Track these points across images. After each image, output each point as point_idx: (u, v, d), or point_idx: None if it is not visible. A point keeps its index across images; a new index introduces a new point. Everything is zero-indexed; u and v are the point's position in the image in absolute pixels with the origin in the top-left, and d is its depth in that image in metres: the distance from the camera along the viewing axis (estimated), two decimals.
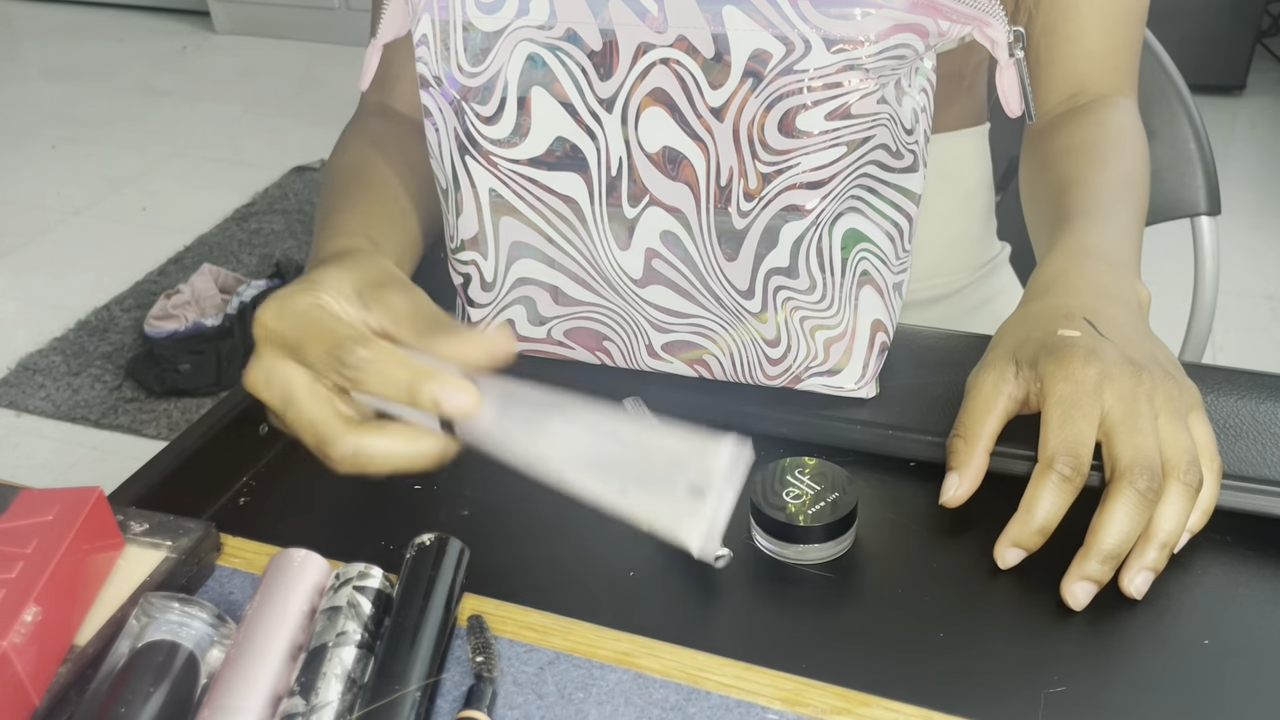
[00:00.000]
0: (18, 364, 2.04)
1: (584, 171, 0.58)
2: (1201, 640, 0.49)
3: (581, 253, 0.60)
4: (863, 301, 0.59)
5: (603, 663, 0.46)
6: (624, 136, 0.56)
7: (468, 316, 0.65)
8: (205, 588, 0.51)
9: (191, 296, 2.06)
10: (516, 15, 0.56)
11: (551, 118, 0.57)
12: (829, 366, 0.60)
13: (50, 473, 1.78)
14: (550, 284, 0.62)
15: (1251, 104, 2.70)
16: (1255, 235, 2.21)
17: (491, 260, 0.62)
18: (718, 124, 0.55)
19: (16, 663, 0.42)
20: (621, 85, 0.56)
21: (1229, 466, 0.54)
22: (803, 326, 0.59)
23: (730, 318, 0.60)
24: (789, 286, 0.58)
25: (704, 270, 0.58)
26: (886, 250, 0.59)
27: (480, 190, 0.60)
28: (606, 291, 0.61)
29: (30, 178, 2.73)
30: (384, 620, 0.46)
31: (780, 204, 0.55)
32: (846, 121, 0.54)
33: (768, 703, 0.44)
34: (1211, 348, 1.03)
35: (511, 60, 0.57)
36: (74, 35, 3.57)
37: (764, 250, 0.57)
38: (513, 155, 0.58)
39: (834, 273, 0.57)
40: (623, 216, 0.58)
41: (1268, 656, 0.48)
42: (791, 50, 0.52)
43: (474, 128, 0.59)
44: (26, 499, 0.49)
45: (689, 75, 0.54)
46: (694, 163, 0.56)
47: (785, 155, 0.54)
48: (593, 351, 0.64)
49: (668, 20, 0.54)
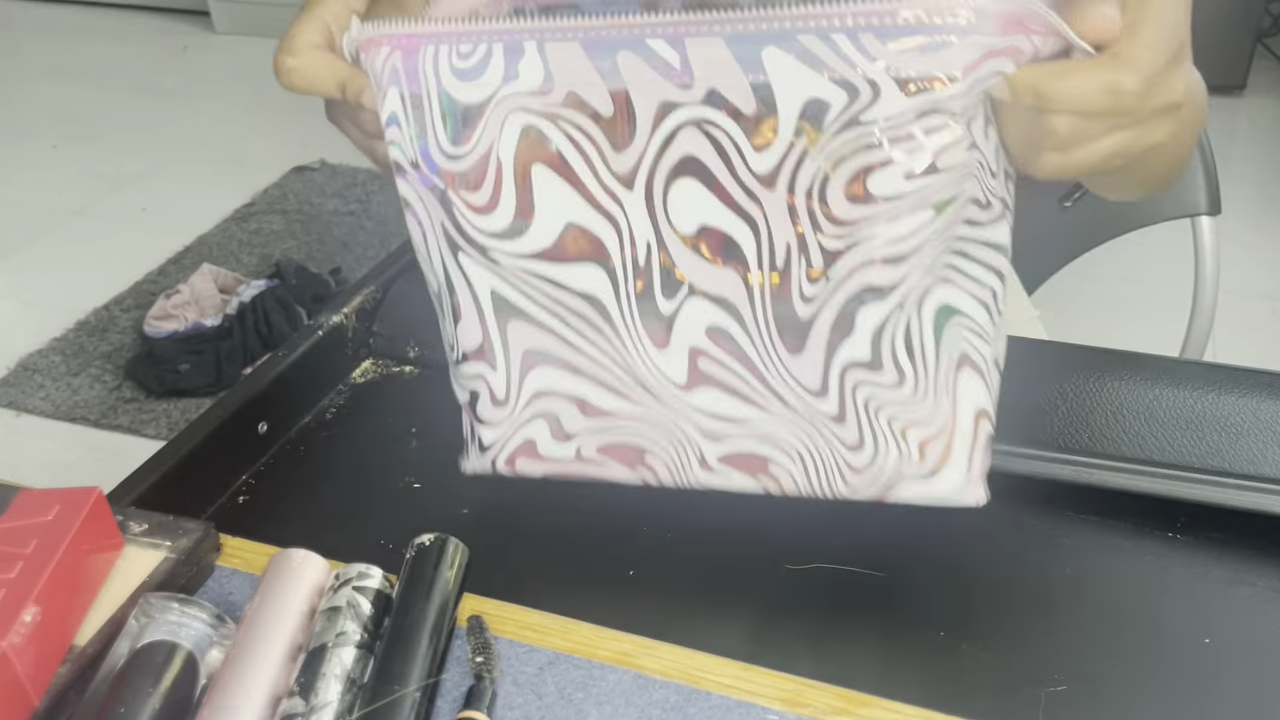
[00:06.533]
0: (17, 364, 2.04)
1: (605, 263, 0.49)
2: (1202, 640, 0.49)
3: (610, 356, 0.51)
4: (962, 388, 0.49)
5: (602, 663, 0.46)
6: (650, 217, 0.47)
7: (479, 440, 0.55)
8: (205, 588, 0.51)
9: (191, 296, 2.06)
10: (504, 81, 0.47)
11: (559, 201, 0.48)
12: (926, 470, 0.50)
13: (49, 473, 1.78)
14: (575, 395, 0.52)
15: (1252, 104, 2.70)
16: (1256, 235, 2.21)
17: (502, 373, 0.53)
18: (767, 194, 0.45)
19: (16, 663, 0.42)
20: (642, 156, 0.46)
21: (1229, 465, 0.54)
22: (891, 427, 0.49)
23: (799, 420, 0.50)
24: (871, 381, 0.48)
25: (763, 368, 0.49)
26: (982, 321, 0.49)
27: (480, 293, 0.51)
28: (645, 398, 0.51)
29: (30, 178, 2.73)
30: (383, 620, 0.45)
31: (854, 285, 0.46)
32: (932, 179, 0.44)
33: (768, 703, 0.44)
34: (1212, 347, 1.03)
35: (503, 135, 0.47)
36: (74, 35, 3.57)
37: (837, 340, 0.47)
38: (516, 249, 0.49)
39: (926, 360, 0.48)
40: (657, 311, 0.49)
41: (1268, 656, 0.48)
42: (856, 97, 0.43)
43: (465, 220, 0.49)
44: (26, 499, 0.49)
45: (726, 138, 0.45)
46: (741, 243, 0.47)
47: (856, 226, 0.45)
48: (633, 468, 0.54)
49: (693, 73, 0.44)
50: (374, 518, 0.58)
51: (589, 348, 0.51)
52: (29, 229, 2.49)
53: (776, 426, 0.50)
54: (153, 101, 3.10)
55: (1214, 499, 0.54)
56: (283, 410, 0.66)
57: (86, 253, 2.39)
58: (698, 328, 0.49)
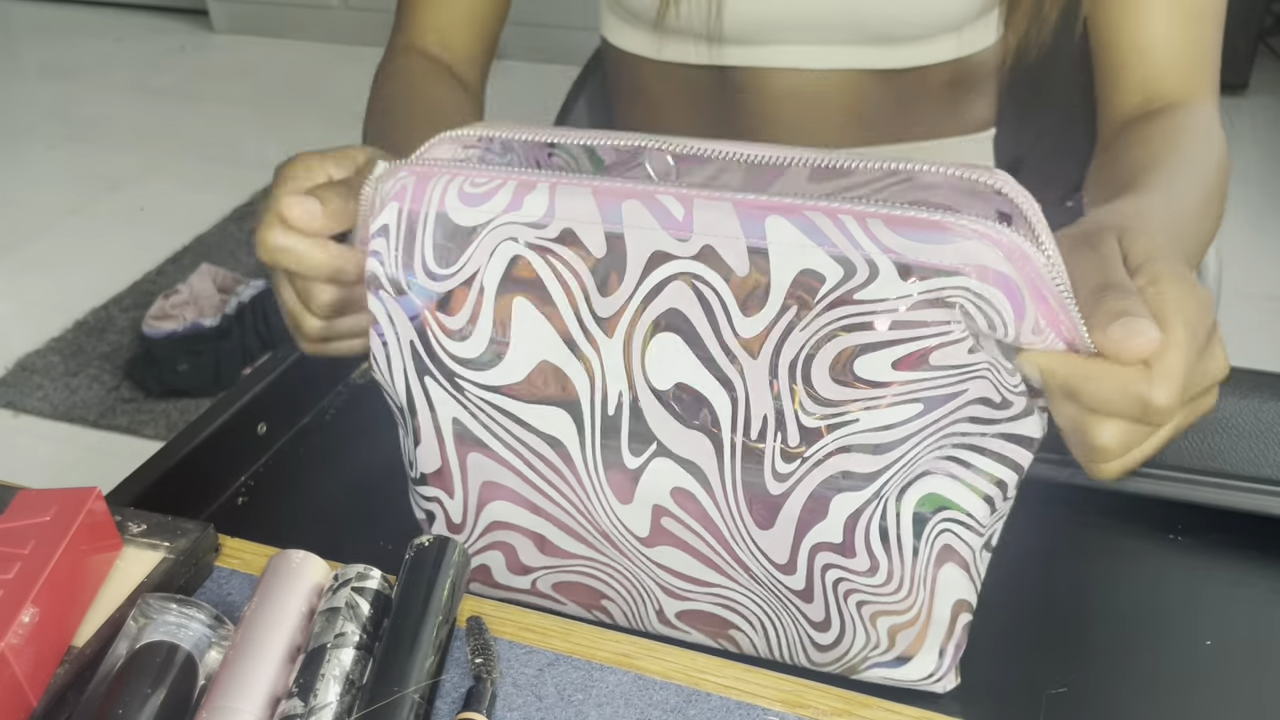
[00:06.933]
0: (15, 364, 2.04)
1: (573, 408, 0.46)
2: (1202, 640, 0.49)
3: (571, 502, 0.49)
4: (942, 581, 0.46)
5: (602, 664, 0.46)
6: (626, 367, 0.45)
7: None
8: (203, 589, 0.51)
9: (190, 296, 2.06)
10: (505, 210, 0.45)
11: (536, 338, 0.46)
12: (895, 655, 0.48)
13: (48, 473, 1.78)
14: (533, 531, 0.50)
15: (1254, 103, 2.70)
16: (1257, 235, 2.21)
17: (459, 501, 0.51)
18: (750, 361, 0.43)
19: (14, 664, 0.42)
20: (627, 303, 0.44)
21: (1230, 466, 0.54)
22: (860, 612, 0.46)
23: (764, 592, 0.48)
24: (842, 566, 0.45)
25: (728, 537, 0.47)
26: (979, 514, 0.45)
27: (441, 419, 0.49)
28: (604, 546, 0.49)
29: (27, 178, 2.73)
30: (383, 621, 0.45)
31: (831, 468, 0.43)
32: (923, 374, 0.41)
33: (768, 704, 0.44)
34: None
35: (491, 262, 0.46)
36: (71, 34, 3.57)
37: (808, 521, 0.45)
38: (483, 380, 0.47)
39: (903, 552, 0.45)
40: (622, 464, 0.46)
41: (1268, 658, 0.48)
42: (853, 274, 0.41)
43: (436, 342, 0.47)
44: (24, 499, 0.48)
45: (715, 296, 0.43)
46: (716, 407, 0.44)
47: (838, 407, 0.42)
48: (589, 609, 0.53)
49: (694, 226, 0.43)
50: (373, 518, 0.58)
51: (549, 489, 0.49)
52: (27, 229, 2.49)
53: (739, 594, 0.48)
54: (151, 101, 3.10)
55: (1215, 501, 0.54)
56: (282, 410, 0.66)
57: (84, 253, 2.39)
58: (663, 487, 0.46)
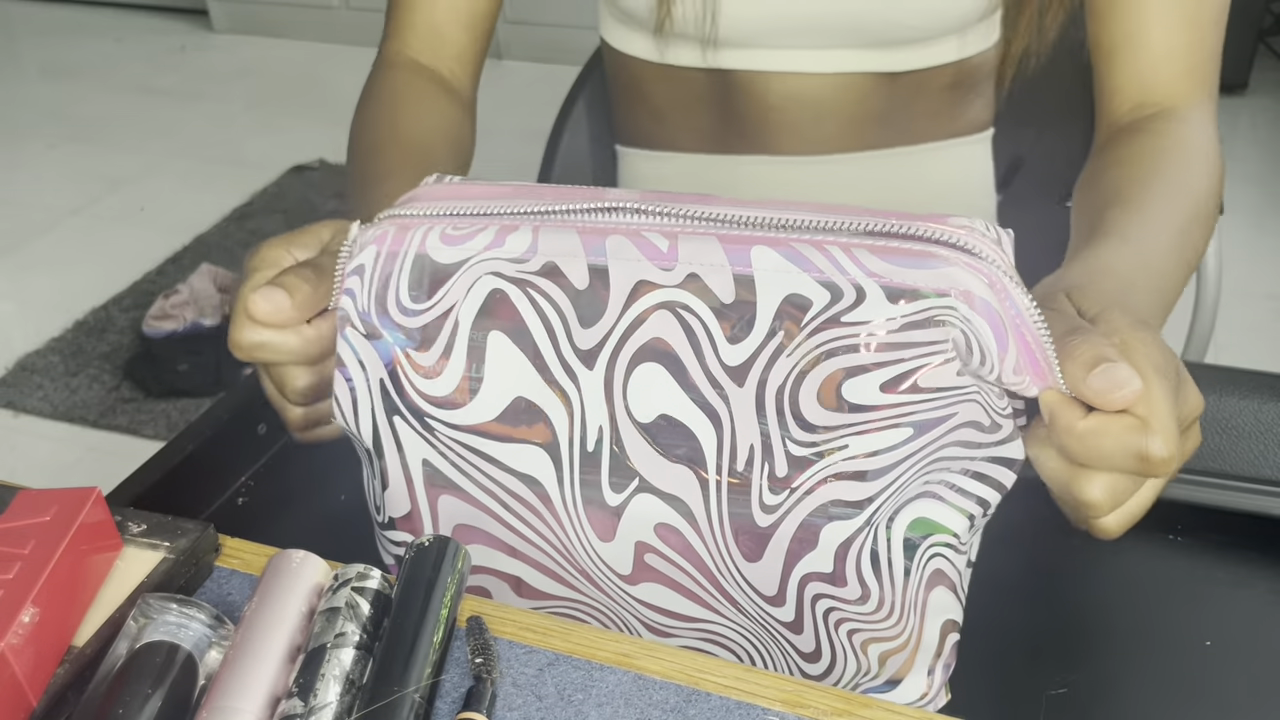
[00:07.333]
0: (15, 364, 2.04)
1: (550, 445, 0.45)
2: (1202, 640, 0.49)
3: (550, 542, 0.47)
4: (933, 603, 0.45)
5: (602, 664, 0.46)
6: (607, 400, 0.44)
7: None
8: (203, 589, 0.51)
9: (190, 296, 2.06)
10: (486, 248, 0.44)
11: (512, 373, 0.44)
12: (885, 680, 0.47)
13: (48, 473, 1.78)
14: (509, 574, 0.49)
15: (1254, 103, 2.70)
16: (1258, 235, 2.21)
17: None
18: (736, 389, 0.42)
19: (14, 664, 0.42)
20: (609, 334, 0.43)
21: (1230, 467, 0.54)
22: (851, 640, 0.46)
23: (752, 625, 0.47)
24: (833, 595, 0.44)
25: (715, 571, 0.45)
26: (961, 532, 0.44)
27: (410, 461, 0.47)
28: (584, 585, 0.48)
29: (28, 177, 2.73)
30: (383, 621, 0.45)
31: (821, 497, 0.42)
32: (913, 397, 0.41)
33: (768, 704, 0.44)
34: (1213, 347, 1.03)
35: (468, 297, 0.44)
36: (72, 34, 3.57)
37: (798, 551, 0.43)
38: (454, 419, 0.45)
39: (895, 578, 0.44)
40: (603, 501, 0.45)
41: (1268, 659, 0.48)
42: (839, 298, 0.40)
43: (408, 379, 0.46)
44: (24, 499, 0.48)
45: (700, 325, 0.42)
46: (701, 439, 0.43)
47: (828, 434, 0.41)
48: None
49: (679, 256, 0.42)
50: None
51: (526, 530, 0.47)
52: (27, 229, 2.49)
53: (726, 628, 0.47)
54: (151, 101, 3.10)
55: (1215, 501, 0.54)
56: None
57: (84, 253, 2.39)
58: (646, 523, 0.45)
